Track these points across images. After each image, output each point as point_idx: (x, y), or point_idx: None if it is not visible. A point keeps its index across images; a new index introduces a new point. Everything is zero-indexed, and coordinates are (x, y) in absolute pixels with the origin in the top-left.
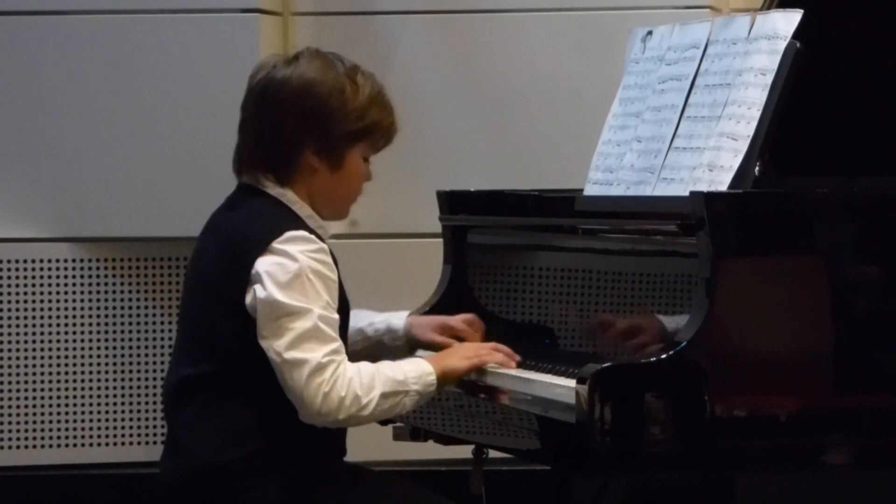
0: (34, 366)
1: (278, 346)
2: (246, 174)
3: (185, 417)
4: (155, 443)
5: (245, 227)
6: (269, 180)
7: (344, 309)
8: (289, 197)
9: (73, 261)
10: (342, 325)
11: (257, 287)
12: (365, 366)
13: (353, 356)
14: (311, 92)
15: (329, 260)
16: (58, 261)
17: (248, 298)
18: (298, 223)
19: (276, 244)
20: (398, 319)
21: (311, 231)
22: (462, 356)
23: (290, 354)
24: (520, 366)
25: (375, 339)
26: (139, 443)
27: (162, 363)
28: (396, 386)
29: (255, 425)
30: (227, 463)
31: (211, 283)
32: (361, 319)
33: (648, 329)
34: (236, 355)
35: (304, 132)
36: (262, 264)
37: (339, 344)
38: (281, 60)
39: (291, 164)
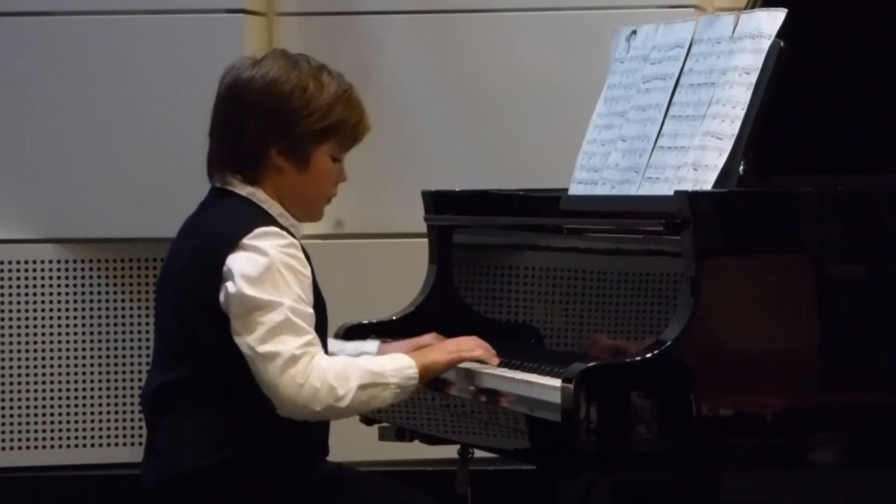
0: (19, 367)
1: (251, 341)
2: (216, 176)
3: (165, 423)
4: (139, 444)
5: (215, 228)
6: (238, 180)
7: (320, 307)
8: (259, 196)
9: (59, 262)
10: (320, 323)
11: (228, 283)
12: (341, 358)
13: None
14: (274, 91)
15: (301, 255)
16: (43, 262)
17: (222, 297)
18: (269, 220)
19: (246, 240)
20: (370, 345)
21: (283, 228)
22: (443, 350)
23: (263, 348)
24: (506, 365)
25: None
26: (124, 444)
27: (147, 365)
28: (374, 378)
29: (235, 429)
30: (208, 468)
31: (185, 287)
32: (331, 345)
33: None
34: (214, 358)
35: (268, 131)
36: (233, 261)
37: (312, 336)
38: (247, 62)
39: (258, 164)
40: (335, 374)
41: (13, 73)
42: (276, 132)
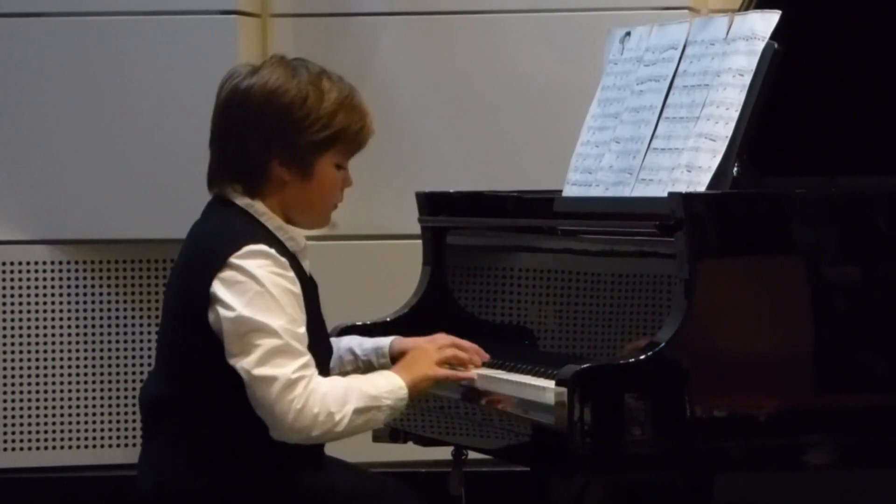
0: (13, 368)
1: (247, 364)
2: (216, 187)
3: (159, 441)
4: (133, 445)
5: (209, 242)
6: (238, 192)
7: (317, 320)
8: (256, 208)
9: (52, 263)
10: (319, 337)
11: (219, 306)
12: (337, 380)
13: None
14: (273, 102)
15: (290, 273)
16: (36, 263)
17: (212, 317)
18: (261, 235)
19: (234, 259)
20: (384, 339)
21: (277, 242)
22: (429, 364)
23: (260, 371)
24: (499, 367)
25: (364, 359)
26: (118, 445)
27: (142, 366)
28: (370, 401)
29: (226, 449)
30: (199, 490)
31: (177, 296)
32: (351, 341)
33: None
34: (204, 373)
35: (269, 144)
36: (222, 281)
37: (308, 358)
38: (246, 70)
39: (259, 176)
40: (334, 398)
41: (6, 74)
42: (276, 144)
